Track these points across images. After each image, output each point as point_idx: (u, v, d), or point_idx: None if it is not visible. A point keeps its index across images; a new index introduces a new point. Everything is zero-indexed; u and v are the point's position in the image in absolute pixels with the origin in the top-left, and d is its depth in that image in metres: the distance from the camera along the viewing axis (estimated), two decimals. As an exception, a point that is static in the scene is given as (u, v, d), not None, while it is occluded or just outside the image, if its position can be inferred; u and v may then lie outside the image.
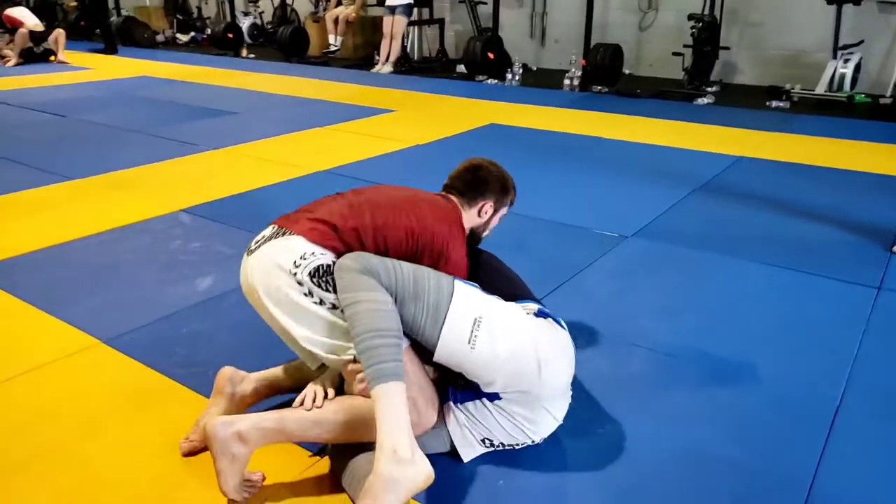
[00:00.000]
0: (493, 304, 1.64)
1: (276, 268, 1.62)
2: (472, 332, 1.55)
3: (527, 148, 4.71)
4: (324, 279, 1.59)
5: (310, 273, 1.59)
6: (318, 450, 1.70)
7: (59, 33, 8.78)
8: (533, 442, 1.66)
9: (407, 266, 1.60)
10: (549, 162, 4.34)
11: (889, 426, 1.82)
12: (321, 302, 1.59)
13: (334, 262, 1.61)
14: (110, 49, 9.71)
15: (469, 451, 1.67)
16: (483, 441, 1.66)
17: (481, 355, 1.55)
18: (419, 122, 5.50)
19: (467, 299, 1.60)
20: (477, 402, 1.62)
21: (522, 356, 1.57)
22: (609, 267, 2.81)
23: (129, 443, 1.74)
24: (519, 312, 1.66)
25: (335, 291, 1.57)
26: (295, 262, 1.61)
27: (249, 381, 1.77)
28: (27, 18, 8.69)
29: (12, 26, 8.59)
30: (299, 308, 1.60)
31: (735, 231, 3.17)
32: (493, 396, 1.61)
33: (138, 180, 3.90)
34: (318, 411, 1.57)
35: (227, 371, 1.75)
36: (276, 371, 1.82)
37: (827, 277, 2.71)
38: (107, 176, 3.95)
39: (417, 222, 1.72)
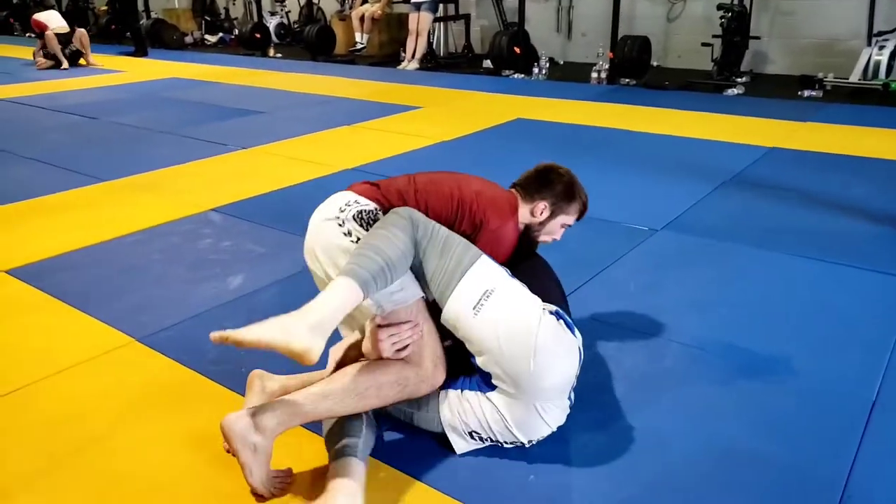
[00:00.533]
0: (510, 284, 1.65)
1: (324, 220, 1.73)
2: (480, 300, 1.58)
3: (554, 142, 4.68)
4: (366, 221, 1.67)
5: (353, 216, 1.69)
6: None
7: (82, 34, 8.88)
8: (522, 444, 1.65)
9: (444, 229, 1.66)
10: (577, 156, 4.31)
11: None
12: (357, 240, 1.64)
13: (377, 209, 1.71)
14: (140, 52, 9.85)
15: (460, 441, 1.67)
16: (471, 434, 1.65)
17: (482, 325, 1.58)
18: (446, 118, 5.49)
19: (487, 270, 1.63)
20: (478, 393, 1.64)
21: (519, 339, 1.57)
22: (639, 260, 2.78)
23: (164, 437, 1.77)
24: (533, 301, 1.65)
25: None
26: (340, 209, 1.72)
27: (277, 380, 1.79)
28: (52, 21, 8.80)
29: (40, 31, 8.73)
30: (341, 250, 1.65)
31: (766, 223, 3.12)
32: (487, 388, 1.63)
33: (168, 181, 3.96)
34: (323, 383, 1.60)
35: (256, 371, 1.80)
36: (305, 376, 1.81)
37: (861, 269, 2.65)
38: (137, 177, 4.02)
39: (460, 189, 1.78)
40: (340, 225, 1.69)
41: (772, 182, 3.57)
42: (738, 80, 6.52)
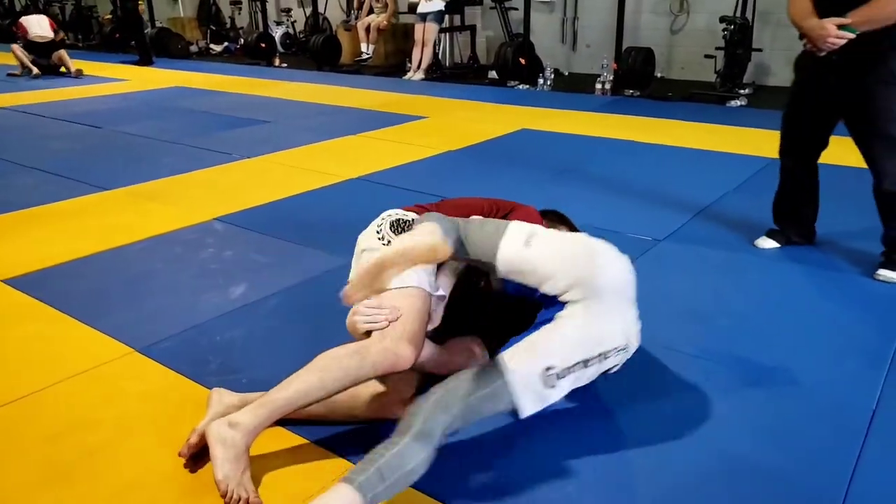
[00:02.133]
0: (551, 231, 1.77)
1: (369, 232, 1.93)
2: (528, 239, 1.65)
3: (559, 153, 4.68)
4: (400, 228, 1.86)
5: (390, 224, 1.89)
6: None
7: (60, 55, 8.68)
8: (600, 356, 1.59)
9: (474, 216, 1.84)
10: (581, 166, 4.31)
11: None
12: (388, 243, 1.81)
13: (412, 220, 1.88)
14: (145, 60, 9.89)
15: (529, 397, 1.52)
16: (548, 375, 1.53)
17: (539, 252, 1.63)
18: (451, 128, 5.50)
19: (525, 222, 1.74)
20: (539, 329, 1.61)
21: (578, 248, 1.69)
22: (643, 270, 2.73)
23: (164, 450, 1.75)
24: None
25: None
26: (382, 218, 1.93)
27: (237, 395, 1.78)
28: (32, 27, 8.56)
29: (21, 35, 8.56)
30: (370, 251, 1.83)
31: (772, 236, 3.10)
32: (554, 309, 1.61)
33: (172, 190, 3.96)
34: (297, 373, 1.62)
35: (215, 388, 1.80)
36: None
37: (863, 276, 2.65)
38: (141, 186, 4.02)
39: (492, 203, 2.02)
40: (377, 232, 1.90)
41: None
42: (741, 91, 6.52)
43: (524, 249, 1.63)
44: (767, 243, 2.98)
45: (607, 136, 5.13)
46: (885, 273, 2.65)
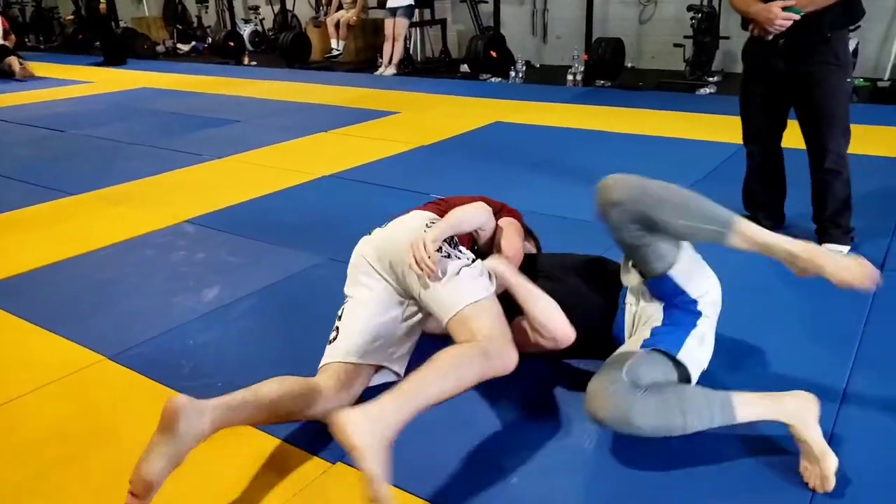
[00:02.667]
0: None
1: (412, 230, 1.86)
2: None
3: (533, 145, 4.68)
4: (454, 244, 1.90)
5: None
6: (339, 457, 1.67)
7: (11, 61, 8.54)
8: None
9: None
10: (555, 158, 4.31)
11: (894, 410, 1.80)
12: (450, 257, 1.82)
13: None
14: (114, 61, 9.70)
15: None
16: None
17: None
18: (424, 122, 5.47)
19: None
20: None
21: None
22: (617, 259, 2.77)
23: (137, 457, 1.71)
24: None
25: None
26: (427, 224, 1.89)
27: (207, 412, 1.51)
28: None
29: None
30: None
31: (744, 222, 3.12)
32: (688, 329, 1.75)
33: (141, 193, 3.89)
34: (424, 373, 1.53)
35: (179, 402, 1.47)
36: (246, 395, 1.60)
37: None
38: (108, 190, 3.95)
39: (487, 201, 2.15)
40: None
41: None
42: (710, 79, 6.57)
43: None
44: None
45: (580, 126, 5.13)
46: (830, 246, 2.71)
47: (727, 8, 6.97)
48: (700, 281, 1.78)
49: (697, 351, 1.72)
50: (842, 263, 1.63)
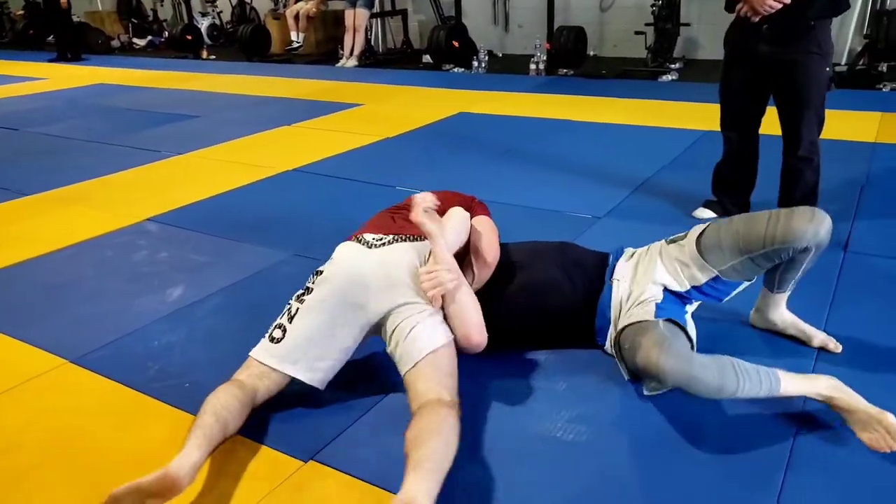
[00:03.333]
0: None
1: (410, 272, 1.84)
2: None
3: (497, 134, 4.68)
4: None
5: None
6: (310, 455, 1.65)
7: None
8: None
9: None
10: (519, 147, 4.31)
11: (862, 390, 1.80)
12: None
13: None
14: (71, 56, 9.44)
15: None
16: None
17: None
18: (387, 114, 5.43)
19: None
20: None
21: None
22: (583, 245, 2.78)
23: (105, 463, 1.68)
24: None
25: None
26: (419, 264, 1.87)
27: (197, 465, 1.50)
28: None
29: None
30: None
31: (708, 206, 3.16)
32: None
33: (99, 192, 3.80)
34: (432, 443, 1.50)
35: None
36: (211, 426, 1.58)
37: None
38: (65, 189, 3.84)
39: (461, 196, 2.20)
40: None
41: (709, 164, 3.62)
42: (672, 66, 6.64)
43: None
44: (705, 213, 3.04)
45: (544, 116, 5.15)
46: None
47: (686, -5, 7.05)
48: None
49: (691, 327, 1.84)
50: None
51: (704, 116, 4.73)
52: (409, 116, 5.24)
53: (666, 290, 1.88)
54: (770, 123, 2.82)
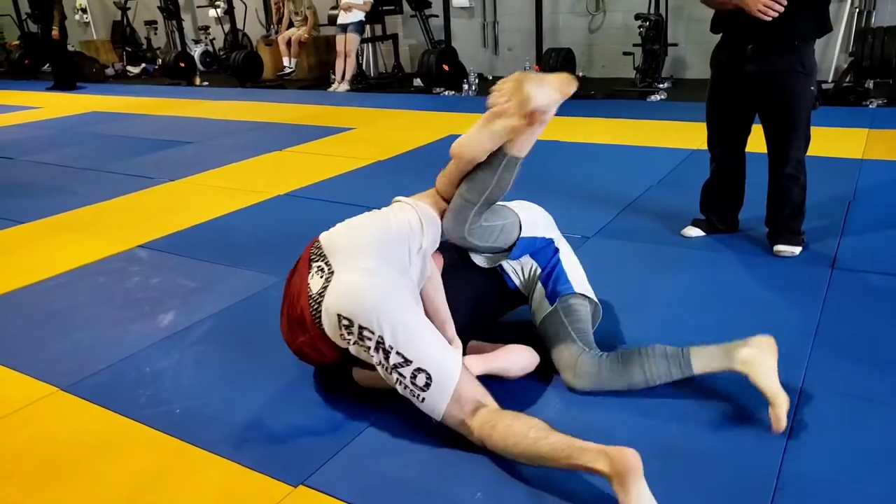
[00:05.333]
0: None
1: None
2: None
3: (486, 157, 4.70)
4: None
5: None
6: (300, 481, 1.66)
7: None
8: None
9: None
10: (509, 169, 4.34)
11: (851, 403, 1.84)
12: None
13: None
14: (66, 85, 9.50)
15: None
16: None
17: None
18: (379, 138, 5.48)
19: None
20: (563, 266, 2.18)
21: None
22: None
23: (96, 492, 1.68)
24: None
25: None
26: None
27: None
28: None
29: None
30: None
31: (696, 224, 3.19)
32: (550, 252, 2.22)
33: (93, 219, 3.81)
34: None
35: None
36: None
37: (783, 260, 2.76)
38: (59, 217, 3.86)
39: None
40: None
41: (698, 183, 3.67)
42: (661, 86, 6.72)
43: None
44: (693, 232, 3.07)
45: (534, 137, 5.18)
46: (783, 248, 2.80)
47: (674, 15, 7.15)
48: (537, 227, 2.17)
49: (577, 274, 2.16)
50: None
51: (693, 135, 4.78)
52: (400, 140, 5.29)
53: (534, 255, 2.19)
54: (757, 141, 2.86)
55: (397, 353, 1.66)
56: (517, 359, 2.00)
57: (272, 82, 9.04)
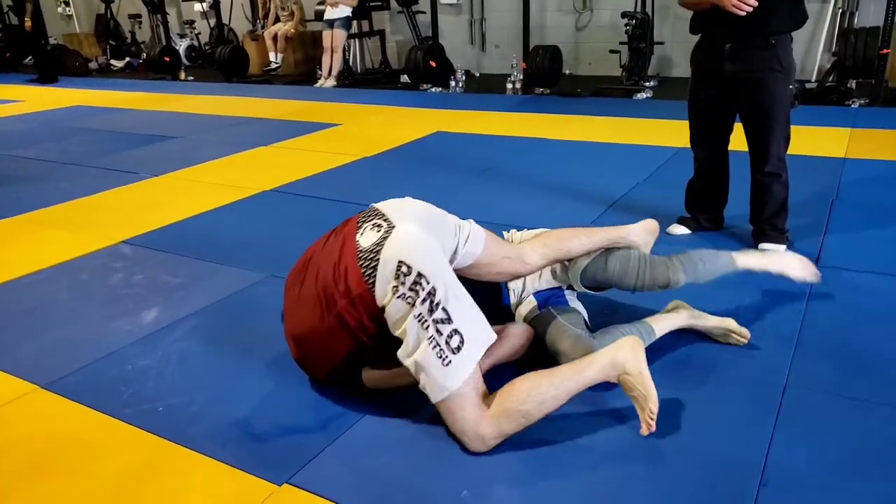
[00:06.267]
0: None
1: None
2: None
3: (475, 154, 4.71)
4: None
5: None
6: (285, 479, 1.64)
7: None
8: None
9: None
10: (497, 166, 4.34)
11: (835, 401, 1.86)
12: None
13: None
14: (48, 79, 9.39)
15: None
16: None
17: None
18: (365, 134, 5.45)
19: None
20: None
21: None
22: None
23: (78, 490, 1.65)
24: None
25: None
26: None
27: None
28: None
29: None
30: None
31: (682, 222, 3.20)
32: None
33: (75, 214, 3.77)
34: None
35: None
36: None
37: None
38: (41, 212, 3.81)
39: None
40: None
41: (683, 180, 3.69)
42: (647, 84, 6.74)
43: None
44: (679, 230, 3.08)
45: (521, 134, 5.19)
46: (767, 246, 2.82)
47: (660, 14, 7.18)
48: None
49: (579, 304, 2.23)
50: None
51: (678, 134, 4.79)
52: (386, 136, 5.27)
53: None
54: (742, 140, 2.87)
55: (443, 308, 1.68)
56: (508, 344, 2.04)
57: (258, 77, 8.98)
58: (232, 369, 2.14)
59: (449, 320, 1.68)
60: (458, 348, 1.67)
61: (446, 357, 1.67)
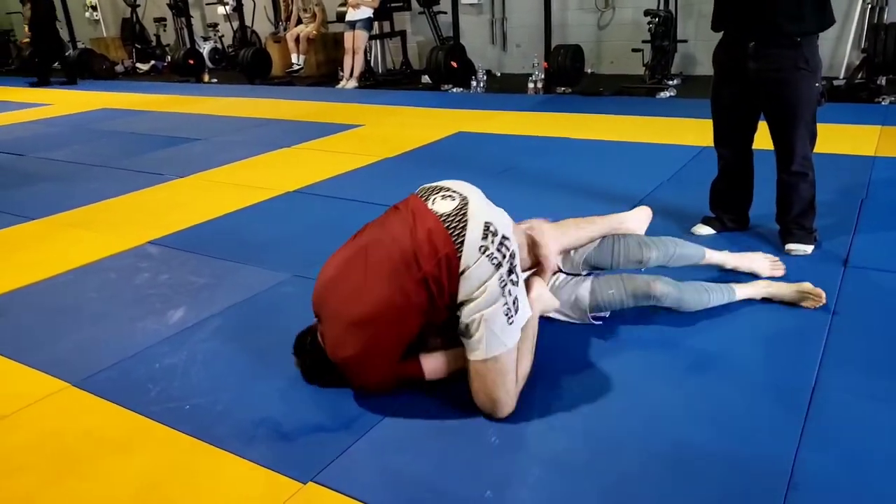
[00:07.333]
0: None
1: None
2: None
3: (496, 154, 4.70)
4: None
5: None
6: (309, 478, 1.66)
7: None
8: None
9: None
10: (518, 166, 4.34)
11: (864, 403, 1.83)
12: None
13: None
14: (40, 81, 9.57)
15: None
16: None
17: None
18: (387, 135, 5.47)
19: None
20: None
21: None
22: (584, 267, 2.79)
23: (107, 486, 1.68)
24: None
25: None
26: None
27: None
28: None
29: None
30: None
31: (706, 222, 3.17)
32: None
33: (103, 215, 3.83)
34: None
35: None
36: None
37: (794, 258, 2.73)
38: (70, 213, 3.88)
39: None
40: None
41: (708, 180, 3.65)
42: (670, 82, 6.68)
43: None
44: (703, 230, 3.05)
45: (542, 134, 5.18)
46: (794, 246, 2.78)
47: (684, 11, 7.12)
48: None
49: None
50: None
51: (703, 132, 4.74)
52: (408, 137, 5.28)
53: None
54: (767, 138, 2.84)
55: (517, 272, 1.81)
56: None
57: (281, 79, 9.06)
58: (256, 368, 2.16)
59: (518, 282, 1.81)
60: (518, 309, 1.79)
61: (511, 316, 1.76)
